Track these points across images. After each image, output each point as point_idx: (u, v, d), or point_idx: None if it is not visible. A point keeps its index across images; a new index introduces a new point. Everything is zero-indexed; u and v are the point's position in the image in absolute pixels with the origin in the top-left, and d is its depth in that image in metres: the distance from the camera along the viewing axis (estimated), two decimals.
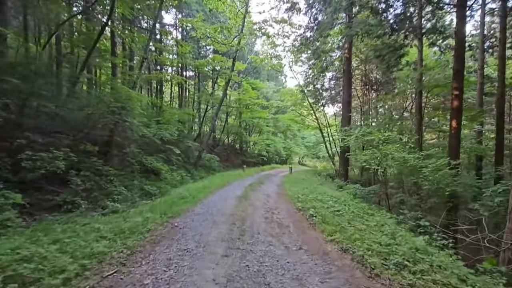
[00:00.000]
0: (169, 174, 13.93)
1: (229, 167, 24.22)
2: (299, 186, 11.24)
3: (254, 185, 12.54)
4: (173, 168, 15.17)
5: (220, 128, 28.42)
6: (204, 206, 7.58)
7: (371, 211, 6.39)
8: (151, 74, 15.78)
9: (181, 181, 14.49)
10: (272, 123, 34.82)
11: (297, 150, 42.82)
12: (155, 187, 11.07)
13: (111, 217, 6.39)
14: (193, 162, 18.73)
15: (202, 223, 5.71)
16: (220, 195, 9.78)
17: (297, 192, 9.50)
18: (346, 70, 11.83)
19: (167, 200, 8.13)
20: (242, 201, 8.39)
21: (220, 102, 17.67)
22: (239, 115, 27.30)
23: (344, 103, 11.88)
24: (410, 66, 15.81)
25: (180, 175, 14.96)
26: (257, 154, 31.28)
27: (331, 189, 10.15)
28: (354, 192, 9.00)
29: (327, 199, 7.72)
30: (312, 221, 5.77)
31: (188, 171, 17.19)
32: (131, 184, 10.04)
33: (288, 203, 8.09)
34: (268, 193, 10.42)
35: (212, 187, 11.33)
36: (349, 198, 7.91)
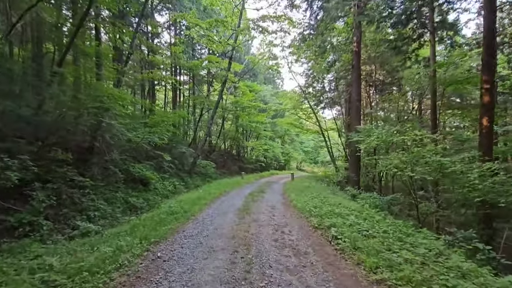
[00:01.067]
0: (160, 183, 12.54)
1: (226, 174, 22.83)
2: (306, 196, 9.93)
3: (255, 195, 11.20)
4: (164, 176, 13.77)
5: (216, 133, 27.10)
6: (198, 224, 6.22)
7: (406, 229, 5.11)
8: (142, 74, 14.43)
9: (173, 191, 13.09)
10: (269, 127, 33.63)
11: (296, 155, 41.57)
12: (142, 200, 9.67)
13: (78, 242, 5.01)
14: (187, 170, 17.34)
15: (194, 251, 4.36)
16: (217, 207, 8.42)
17: (306, 203, 8.19)
18: (355, 66, 10.69)
19: (154, 217, 6.74)
20: (244, 216, 7.04)
21: (216, 104, 16.41)
22: (236, 119, 26.04)
23: (353, 102, 10.72)
24: (420, 64, 14.81)
25: (172, 184, 13.56)
26: (255, 160, 29.94)
27: (344, 198, 8.87)
28: (374, 203, 7.72)
29: (346, 212, 6.41)
30: (338, 245, 4.45)
31: (181, 179, 15.78)
32: (113, 196, 8.64)
33: (299, 218, 6.76)
34: (272, 204, 9.08)
35: (208, 198, 9.96)
36: (372, 211, 6.64)
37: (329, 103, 23.79)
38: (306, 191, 11.62)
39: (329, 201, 8.18)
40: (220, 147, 28.28)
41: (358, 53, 10.56)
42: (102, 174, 9.10)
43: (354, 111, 10.69)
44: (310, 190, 11.55)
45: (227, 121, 28.57)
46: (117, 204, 8.40)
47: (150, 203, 9.78)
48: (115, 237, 5.07)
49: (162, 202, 9.94)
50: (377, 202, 7.77)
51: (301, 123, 27.34)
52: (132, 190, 10.14)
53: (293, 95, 24.41)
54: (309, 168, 50.04)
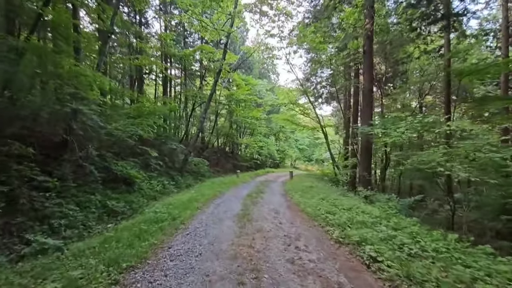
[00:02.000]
0: (146, 183, 11.16)
1: (220, 172, 21.53)
2: (313, 197, 8.77)
3: (253, 196, 10.00)
4: (152, 175, 12.38)
5: (209, 130, 25.71)
6: (189, 236, 4.95)
7: (461, 246, 3.96)
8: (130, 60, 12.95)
9: (162, 191, 11.72)
10: (264, 124, 32.41)
11: (291, 153, 40.52)
12: (124, 203, 8.30)
13: (25, 267, 3.67)
14: (178, 167, 15.97)
15: (183, 284, 3.10)
16: (212, 212, 7.16)
17: (317, 207, 7.02)
18: (367, 52, 9.53)
19: (134, 226, 5.43)
20: (244, 224, 5.81)
21: (209, 96, 15.05)
22: (230, 115, 24.70)
23: (365, 92, 9.57)
24: (430, 54, 13.81)
25: (161, 184, 12.19)
26: (250, 158, 28.72)
27: (358, 201, 7.73)
28: (394, 207, 6.59)
29: (371, 220, 5.25)
30: (382, 272, 3.27)
31: (172, 178, 14.41)
32: (87, 200, 7.25)
33: (313, 227, 5.56)
34: (275, 207, 7.88)
35: (201, 200, 8.69)
36: (404, 219, 5.50)
37: (328, 98, 22.72)
38: (311, 191, 10.47)
39: (343, 204, 7.01)
40: (214, 144, 26.92)
41: (370, 37, 9.41)
42: (75, 173, 7.69)
43: (365, 101, 9.56)
44: (315, 191, 10.40)
45: (221, 117, 27.19)
46: (92, 208, 7.02)
47: (133, 206, 8.42)
48: (77, 259, 3.77)
49: (147, 206, 8.59)
50: (398, 206, 6.64)
51: (298, 118, 26.21)
52: (112, 191, 8.75)
53: (290, 89, 23.19)
54: (303, 166, 49.17)
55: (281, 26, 18.48)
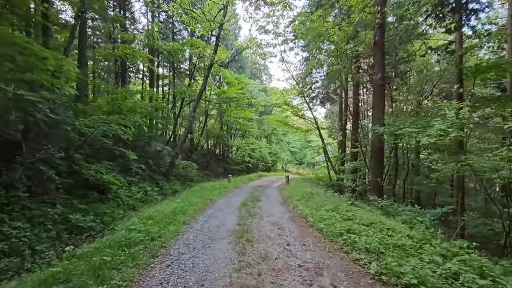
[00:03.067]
0: (125, 189, 9.68)
1: (210, 176, 20.10)
2: (318, 207, 7.56)
3: (249, 205, 8.69)
4: (132, 180, 10.88)
5: (199, 131, 24.25)
6: (169, 271, 3.61)
7: None
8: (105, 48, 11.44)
9: (143, 199, 10.25)
10: (256, 125, 31.19)
11: (283, 156, 39.42)
12: (93, 216, 6.83)
13: None
14: (164, 171, 14.49)
15: None
16: (202, 228, 5.81)
17: (328, 221, 5.80)
18: (378, 43, 8.48)
19: (96, 253, 4.03)
20: (244, 247, 4.51)
21: (199, 94, 13.68)
22: (221, 115, 23.34)
23: (377, 87, 8.48)
24: (435, 52, 12.99)
25: (142, 191, 10.71)
26: (242, 161, 27.36)
27: (376, 213, 6.57)
28: (428, 221, 5.43)
29: (409, 243, 4.06)
30: None
31: (156, 184, 12.92)
32: (43, 213, 5.77)
33: (333, 253, 4.32)
34: (277, 220, 6.61)
35: (189, 212, 7.31)
36: (439, 236, 4.35)
37: (324, 99, 21.75)
38: (313, 199, 9.26)
39: (360, 218, 5.82)
40: (203, 146, 25.46)
41: (382, 26, 8.37)
42: (30, 179, 6.18)
43: (377, 98, 8.48)
44: (318, 199, 9.19)
45: (211, 118, 25.78)
46: (48, 225, 5.54)
47: (105, 219, 6.96)
48: None
49: (123, 219, 7.14)
50: (429, 220, 5.50)
51: (292, 120, 25.15)
52: (80, 201, 7.26)
53: (285, 89, 22.07)
54: (294, 169, 48.12)
55: (277, 21, 17.30)
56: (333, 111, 33.40)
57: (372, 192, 8.01)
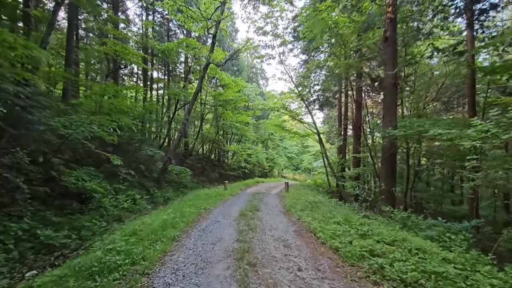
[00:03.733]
0: (111, 198, 8.74)
1: (205, 183, 19.17)
2: (326, 218, 6.76)
3: (248, 215, 7.84)
4: (120, 188, 9.96)
5: (194, 135, 23.36)
6: None
7: None
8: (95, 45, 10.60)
9: (131, 208, 9.31)
10: (253, 130, 30.41)
11: (280, 161, 38.63)
12: (69, 231, 5.90)
13: None
14: (156, 177, 13.55)
15: None
16: (194, 247, 4.94)
17: (343, 238, 4.99)
18: (390, 39, 7.81)
19: (60, 283, 3.14)
20: (246, 274, 3.67)
21: (194, 95, 12.87)
22: (217, 119, 22.52)
23: (388, 86, 7.76)
24: (442, 53, 12.43)
25: (131, 199, 9.77)
26: (238, 166, 26.47)
27: (393, 228, 5.77)
28: (465, 240, 4.62)
29: (453, 272, 3.26)
30: None
31: (146, 191, 11.97)
32: (4, 230, 4.83)
33: (360, 282, 3.48)
34: (281, 235, 5.78)
35: (179, 225, 6.43)
36: (483, 260, 3.58)
37: (323, 103, 21.13)
38: (319, 209, 8.45)
39: (380, 234, 5.02)
40: (198, 151, 24.55)
41: (393, 20, 7.71)
42: None
43: (389, 98, 7.76)
44: (324, 209, 8.39)
45: (206, 123, 24.94)
46: (9, 244, 4.61)
47: (83, 235, 6.02)
48: None
49: (104, 234, 6.21)
50: (466, 238, 4.69)
51: (291, 125, 24.45)
52: (56, 212, 6.33)
53: (283, 92, 21.41)
54: (290, 175, 47.32)
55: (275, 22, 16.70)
56: (331, 116, 32.89)
57: (384, 201, 7.23)
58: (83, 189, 7.63)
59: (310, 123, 23.96)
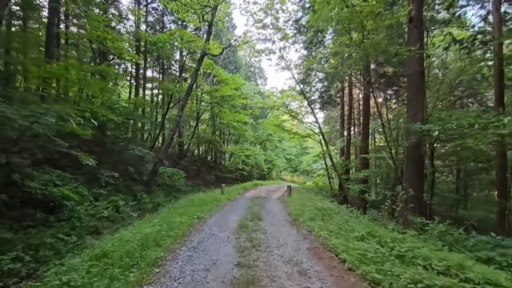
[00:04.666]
0: (88, 206, 7.45)
1: (200, 186, 17.91)
2: (345, 231, 5.59)
3: (248, 226, 6.64)
4: (101, 193, 8.67)
5: (189, 135, 22.08)
6: None
7: None
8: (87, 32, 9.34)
9: (112, 217, 8.02)
10: (251, 131, 29.19)
11: (279, 163, 37.43)
12: (24, 250, 4.63)
13: None
14: (145, 181, 12.27)
15: None
16: (179, 277, 3.71)
17: (381, 265, 3.78)
18: (414, 18, 6.69)
19: None
20: None
21: (188, 89, 11.65)
22: (213, 118, 21.30)
23: (413, 75, 6.57)
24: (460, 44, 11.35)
25: (113, 206, 8.47)
26: (235, 168, 25.22)
27: (434, 245, 4.61)
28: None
29: None
30: None
31: (133, 196, 10.69)
32: None
33: None
34: (292, 255, 4.58)
35: (165, 240, 5.21)
36: None
37: (326, 102, 20.00)
38: (331, 219, 7.27)
39: (426, 257, 3.83)
40: (193, 152, 23.28)
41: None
42: None
43: (414, 88, 6.60)
44: (338, 219, 7.20)
45: (202, 123, 23.69)
46: None
47: (40, 256, 4.75)
48: None
49: (68, 254, 4.93)
50: None
51: (291, 124, 23.31)
52: (10, 225, 5.06)
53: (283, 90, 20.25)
54: (289, 177, 46.11)
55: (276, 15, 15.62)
56: (332, 116, 31.82)
57: (411, 210, 6.06)
58: (51, 196, 6.36)
59: (312, 122, 22.91)
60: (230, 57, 25.31)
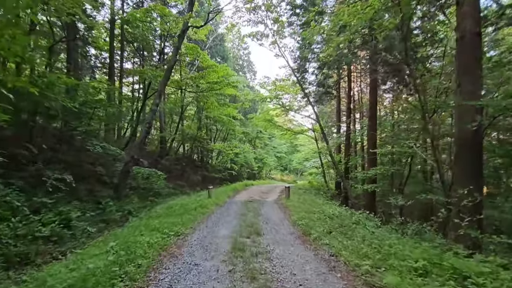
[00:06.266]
0: (17, 222, 5.29)
1: (184, 188, 15.83)
2: (390, 256, 3.78)
3: (245, 247, 4.76)
4: (44, 202, 6.49)
5: (172, 131, 19.83)
6: None
7: None
8: None
9: (59, 236, 5.86)
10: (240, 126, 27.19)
11: (270, 162, 35.62)
12: None
13: None
14: (115, 184, 10.08)
15: None
16: None
17: None
18: None
19: None
20: None
21: (167, 71, 9.55)
22: (199, 112, 19.17)
23: (467, 38, 4.81)
24: None
25: (61, 219, 6.30)
26: (223, 168, 23.18)
27: None
28: None
29: None
30: None
31: (96, 204, 8.49)
32: None
33: None
34: None
35: (120, 275, 3.20)
36: None
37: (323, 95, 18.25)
38: (353, 232, 5.46)
39: None
40: (177, 151, 21.06)
41: None
42: None
43: (467, 56, 4.89)
44: (362, 232, 5.40)
45: (187, 119, 21.48)
46: None
47: None
48: None
49: None
50: None
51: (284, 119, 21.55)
52: None
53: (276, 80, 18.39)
54: (278, 176, 44.41)
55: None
56: (325, 112, 30.30)
57: (470, 222, 4.35)
58: None
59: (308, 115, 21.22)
60: (218, 45, 23.19)
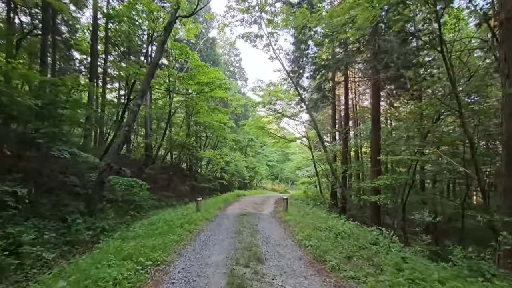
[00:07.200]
0: None
1: (170, 199, 14.42)
2: None
3: (246, 286, 3.54)
4: None
5: (158, 137, 18.49)
6: None
7: None
8: None
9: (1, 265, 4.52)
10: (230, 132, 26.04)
11: (262, 171, 34.43)
12: None
13: None
14: (87, 196, 8.66)
15: None
16: None
17: None
18: None
19: None
20: None
21: (151, 68, 8.40)
22: (188, 117, 17.95)
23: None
24: None
25: (8, 244, 4.93)
26: (213, 177, 21.86)
27: None
28: None
29: None
30: None
31: (62, 221, 7.10)
32: None
33: None
34: None
35: None
36: None
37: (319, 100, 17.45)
38: (378, 258, 4.38)
39: None
40: (164, 159, 19.67)
41: None
42: None
43: None
44: (389, 257, 4.33)
45: (175, 126, 20.23)
46: None
47: None
48: None
49: None
50: None
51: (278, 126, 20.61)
52: None
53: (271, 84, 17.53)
54: (269, 185, 43.20)
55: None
56: (318, 119, 29.69)
57: None
58: None
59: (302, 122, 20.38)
60: (208, 49, 22.23)
